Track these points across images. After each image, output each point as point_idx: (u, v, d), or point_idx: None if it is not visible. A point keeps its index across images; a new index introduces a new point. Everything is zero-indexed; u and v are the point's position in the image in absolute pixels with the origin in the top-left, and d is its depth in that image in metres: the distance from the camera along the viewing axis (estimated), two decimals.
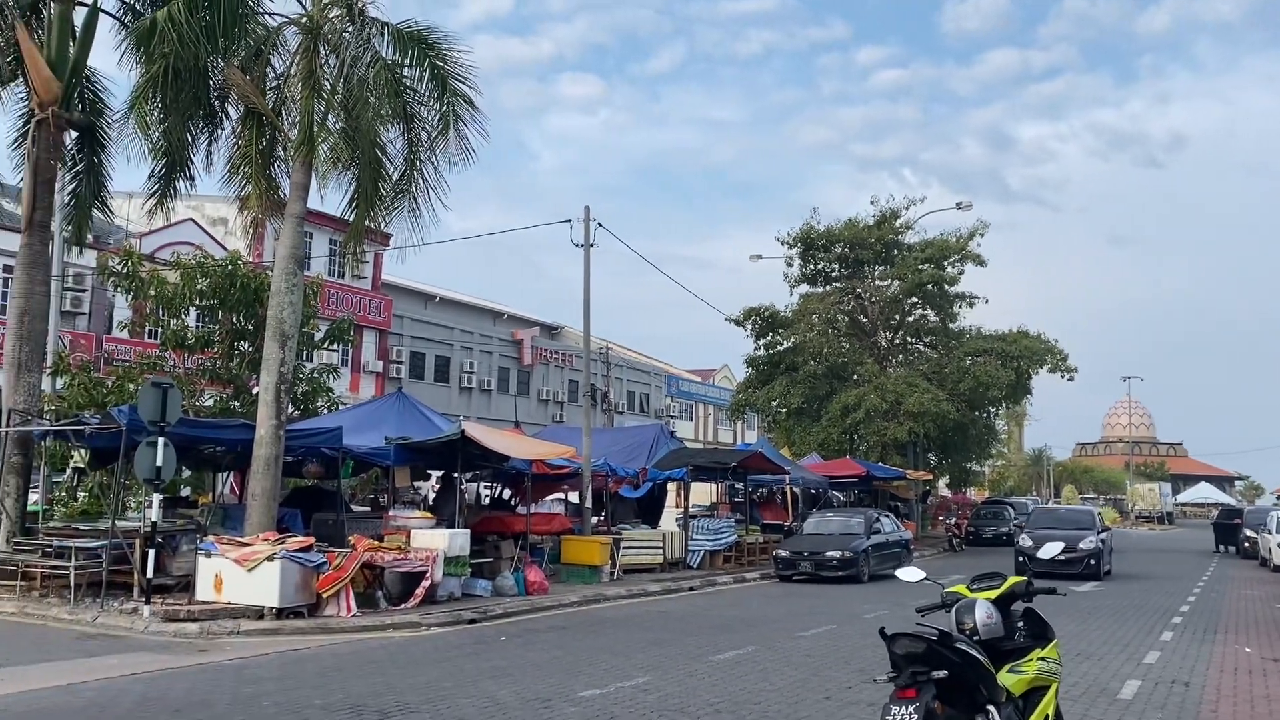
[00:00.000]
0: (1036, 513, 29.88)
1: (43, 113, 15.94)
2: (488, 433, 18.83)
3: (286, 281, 15.44)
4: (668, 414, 58.27)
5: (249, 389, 20.25)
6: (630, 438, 26.86)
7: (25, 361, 16.04)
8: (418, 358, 42.69)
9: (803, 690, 9.49)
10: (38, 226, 16.24)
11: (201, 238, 33.04)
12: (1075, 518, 26.04)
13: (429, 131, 16.43)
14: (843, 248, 40.87)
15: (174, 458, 13.77)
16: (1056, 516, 27.30)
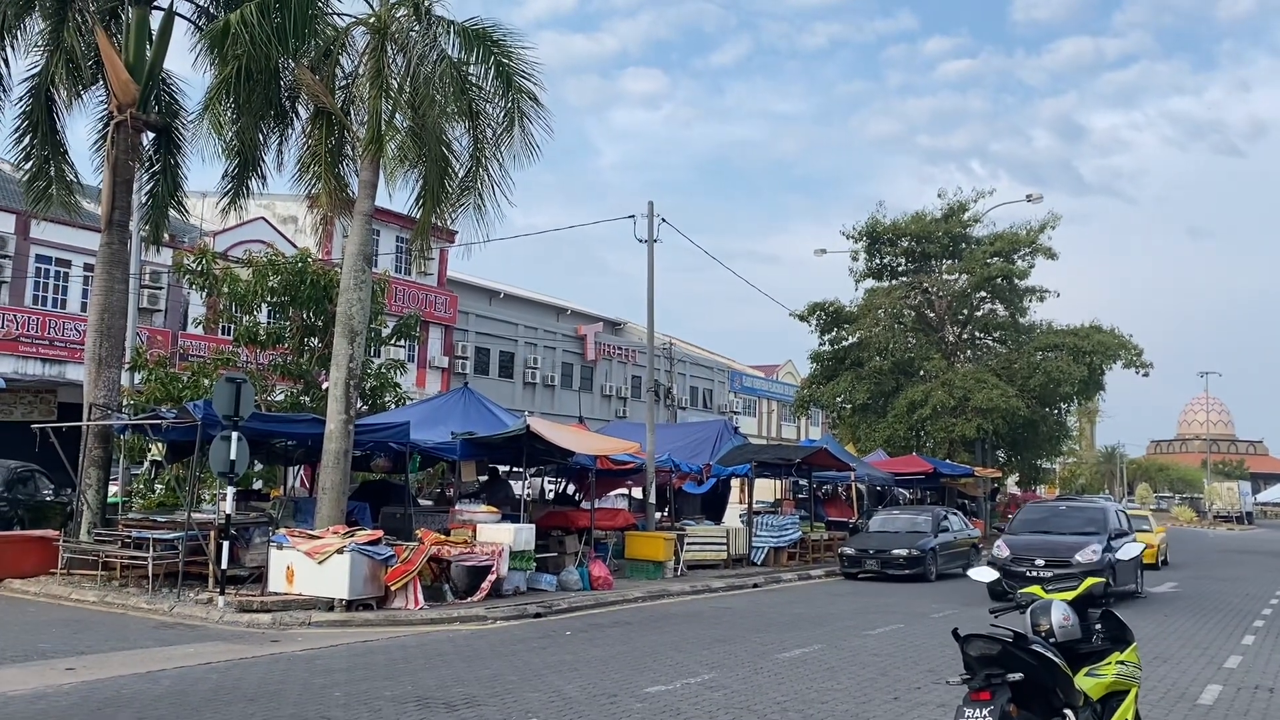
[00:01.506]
0: (1025, 509, 21.85)
1: (121, 115, 16.37)
2: (552, 428, 18.91)
3: (355, 278, 15.66)
4: (731, 410, 58.07)
5: (319, 384, 20.61)
6: (694, 433, 26.81)
7: (105, 357, 16.50)
8: (482, 353, 43.08)
9: (870, 690, 9.37)
10: (117, 226, 16.68)
11: (272, 235, 33.69)
12: (1077, 517, 18.99)
13: (494, 128, 16.53)
14: (909, 241, 40.31)
15: (247, 451, 14.05)
16: (1051, 515, 19.66)
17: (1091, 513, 19.20)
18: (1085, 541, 17.21)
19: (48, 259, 29.28)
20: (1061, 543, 17.48)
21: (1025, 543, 17.87)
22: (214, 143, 15.93)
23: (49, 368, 28.92)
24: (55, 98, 16.80)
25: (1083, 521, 18.48)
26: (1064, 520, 18.80)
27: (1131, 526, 19.88)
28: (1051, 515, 19.41)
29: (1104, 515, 18.73)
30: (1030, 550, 17.29)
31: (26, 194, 17.96)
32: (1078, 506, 20.67)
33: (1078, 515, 18.99)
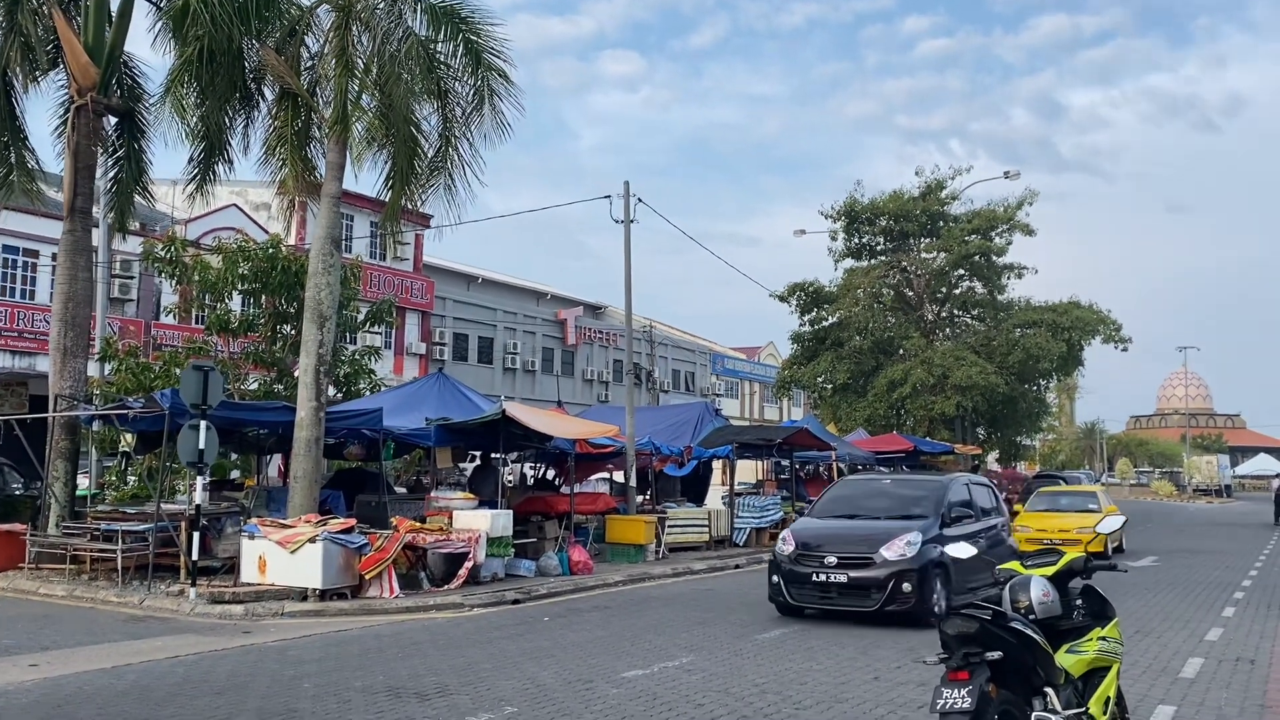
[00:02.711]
0: (838, 484, 15.97)
1: (81, 99, 15.99)
2: (529, 412, 18.71)
3: (323, 263, 15.38)
4: (713, 392, 58.01)
5: (291, 372, 20.32)
6: (675, 416, 26.70)
7: (70, 347, 16.16)
8: (461, 339, 42.76)
9: (850, 669, 9.26)
10: (79, 213, 16.32)
11: (245, 223, 33.24)
12: (901, 494, 13.76)
13: (463, 107, 16.26)
14: (888, 220, 40.27)
15: (216, 441, 13.78)
16: (866, 492, 14.33)
17: (924, 488, 13.71)
18: (899, 530, 12.09)
19: (14, 249, 28.75)
20: (867, 531, 12.43)
21: (818, 531, 12.73)
22: (178, 127, 15.65)
23: (18, 360, 28.45)
24: (12, 82, 16.39)
25: (905, 500, 13.27)
26: (881, 499, 13.59)
27: (1001, 507, 14.78)
28: (866, 493, 14.14)
29: (940, 492, 13.26)
30: (822, 541, 12.35)
31: None
32: (907, 480, 15.61)
33: (903, 491, 13.77)
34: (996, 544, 13.22)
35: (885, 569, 11.69)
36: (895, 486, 14.18)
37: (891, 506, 13.11)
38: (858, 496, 13.90)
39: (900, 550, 11.80)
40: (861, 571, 11.80)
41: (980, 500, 13.93)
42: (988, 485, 15.01)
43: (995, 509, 14.37)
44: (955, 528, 12.36)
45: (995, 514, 14.24)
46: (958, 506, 13.01)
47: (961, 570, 11.77)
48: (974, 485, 14.27)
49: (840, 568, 11.89)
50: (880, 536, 12.07)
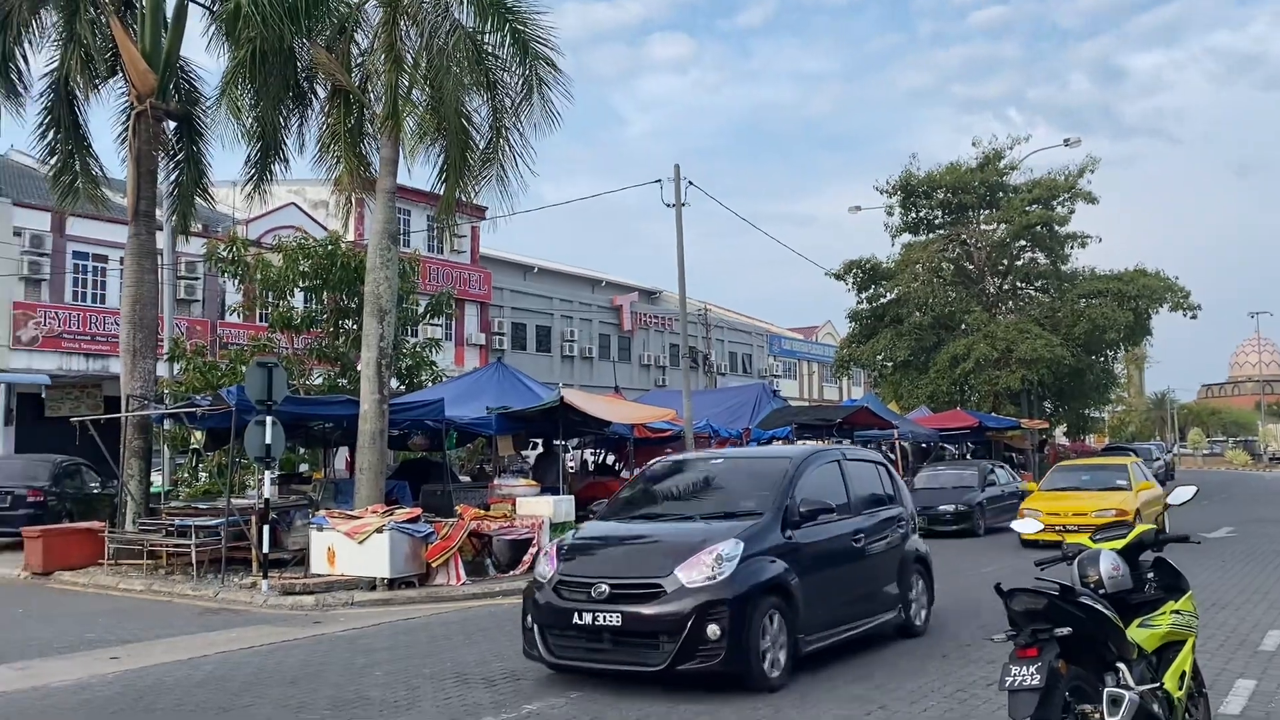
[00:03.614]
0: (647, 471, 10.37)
1: (141, 105, 16.35)
2: (587, 399, 18.80)
3: (381, 257, 15.56)
4: (770, 373, 57.72)
5: (354, 366, 20.63)
6: (732, 398, 26.68)
7: (139, 348, 16.58)
8: (519, 328, 43.07)
9: (918, 647, 9.17)
10: (143, 216, 16.71)
11: (304, 221, 33.79)
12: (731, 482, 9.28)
13: (512, 98, 16.30)
14: (945, 193, 39.63)
15: (282, 436, 14.03)
16: (678, 481, 9.71)
17: (766, 471, 9.06)
18: (712, 537, 7.85)
19: (84, 254, 29.57)
20: (664, 540, 8.23)
21: (595, 542, 8.64)
22: (234, 128, 15.90)
23: (92, 362, 29.28)
24: (75, 91, 16.81)
25: (735, 490, 8.93)
26: (704, 488, 9.31)
27: (901, 494, 10.30)
28: (685, 480, 9.59)
29: (786, 477, 8.68)
30: (594, 559, 8.26)
31: (53, 189, 18.06)
32: (749, 458, 10.68)
33: (735, 477, 9.33)
34: (889, 546, 9.42)
35: (679, 602, 7.32)
36: (727, 469, 9.56)
37: (715, 499, 8.83)
38: (672, 485, 9.48)
39: (705, 571, 7.40)
40: (642, 607, 7.39)
41: (861, 486, 9.53)
42: (879, 463, 10.50)
43: (890, 497, 9.96)
44: (809, 528, 8.28)
45: (890, 504, 9.86)
46: (813, 499, 8.44)
47: (823, 590, 8.14)
48: (853, 463, 9.76)
49: (613, 602, 7.52)
50: (679, 548, 7.70)
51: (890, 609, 9.33)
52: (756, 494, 8.59)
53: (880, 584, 9.25)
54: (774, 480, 8.68)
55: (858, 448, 13.15)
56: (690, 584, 7.43)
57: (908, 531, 10.00)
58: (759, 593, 7.58)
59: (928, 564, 10.21)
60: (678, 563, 7.55)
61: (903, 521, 9.95)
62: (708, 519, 8.33)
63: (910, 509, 10.41)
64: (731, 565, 7.52)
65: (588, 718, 7.01)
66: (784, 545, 8.04)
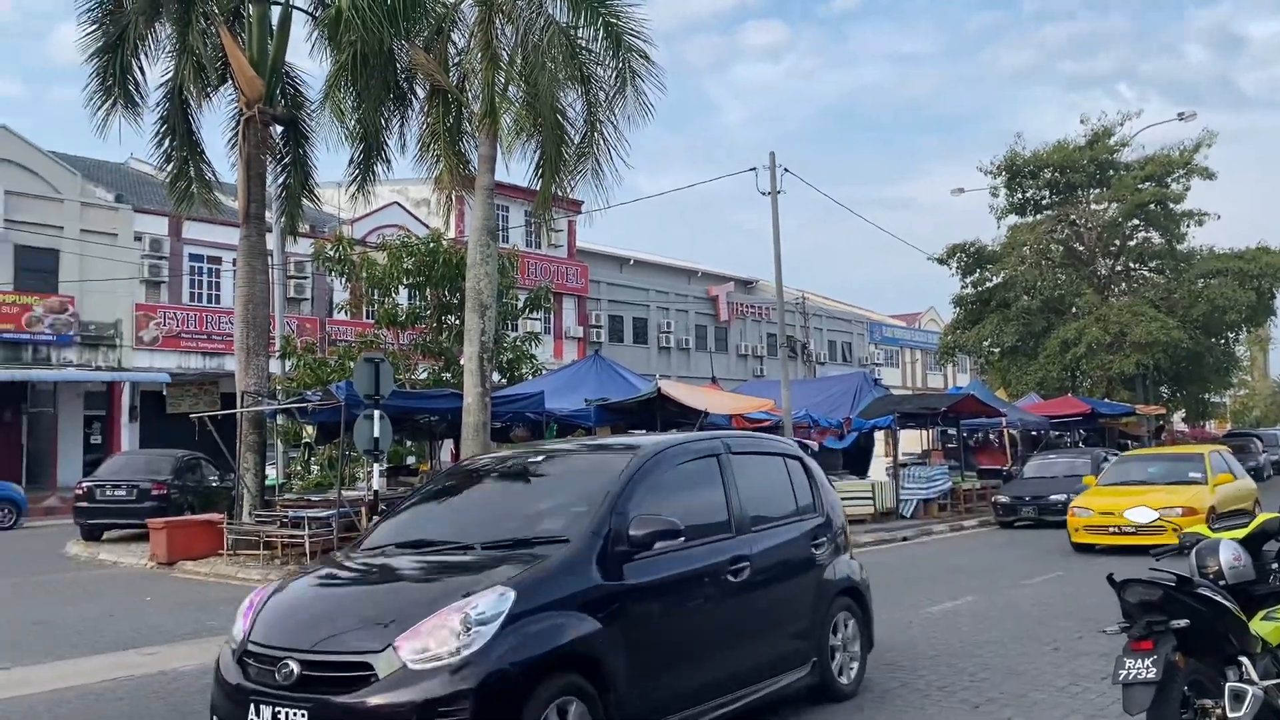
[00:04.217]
0: (443, 475, 8.66)
1: (249, 111, 16.92)
2: (684, 390, 18.83)
3: (480, 253, 15.81)
4: (871, 362, 56.90)
5: (458, 360, 21.09)
6: (832, 388, 26.37)
7: (253, 346, 17.19)
8: (615, 320, 43.36)
9: (1027, 641, 8.93)
10: (253, 218, 17.31)
11: (406, 219, 34.62)
12: (526, 493, 6.49)
13: (606, 91, 16.37)
14: (1052, 173, 38.48)
15: (390, 429, 14.44)
16: (475, 491, 6.66)
17: (595, 471, 6.15)
18: (462, 588, 4.92)
19: (199, 257, 30.87)
20: (397, 596, 5.27)
21: (314, 594, 5.58)
22: (338, 130, 16.36)
23: (209, 361, 30.54)
24: (188, 100, 17.50)
25: (542, 505, 6.16)
26: (501, 500, 6.52)
27: (821, 501, 7.34)
28: (482, 491, 6.68)
29: (616, 482, 5.68)
30: (297, 621, 5.25)
31: (170, 195, 18.85)
32: (577, 455, 6.99)
33: (548, 484, 6.51)
34: (799, 574, 6.70)
35: (393, 694, 4.61)
36: (547, 471, 6.62)
37: (513, 519, 5.95)
38: (463, 497, 6.62)
39: (442, 641, 4.68)
40: (340, 698, 4.70)
41: (754, 492, 6.57)
42: (790, 456, 7.40)
43: (807, 506, 7.12)
44: (649, 560, 5.46)
45: (806, 515, 7.04)
46: (657, 516, 5.52)
47: (674, 652, 5.57)
48: (743, 458, 6.71)
49: (303, 688, 4.80)
50: (413, 604, 4.96)
51: (798, 665, 6.53)
52: (569, 511, 5.65)
53: (782, 631, 6.47)
54: (596, 490, 5.61)
55: (760, 435, 9.51)
56: (415, 663, 4.60)
57: (833, 551, 7.12)
58: (540, 672, 4.78)
59: (862, 595, 7.32)
60: (402, 628, 4.67)
61: (822, 539, 7.01)
62: (490, 549, 5.35)
63: (840, 520, 7.45)
64: (487, 632, 4.65)
65: None
66: (601, 590, 5.14)
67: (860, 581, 7.42)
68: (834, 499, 7.61)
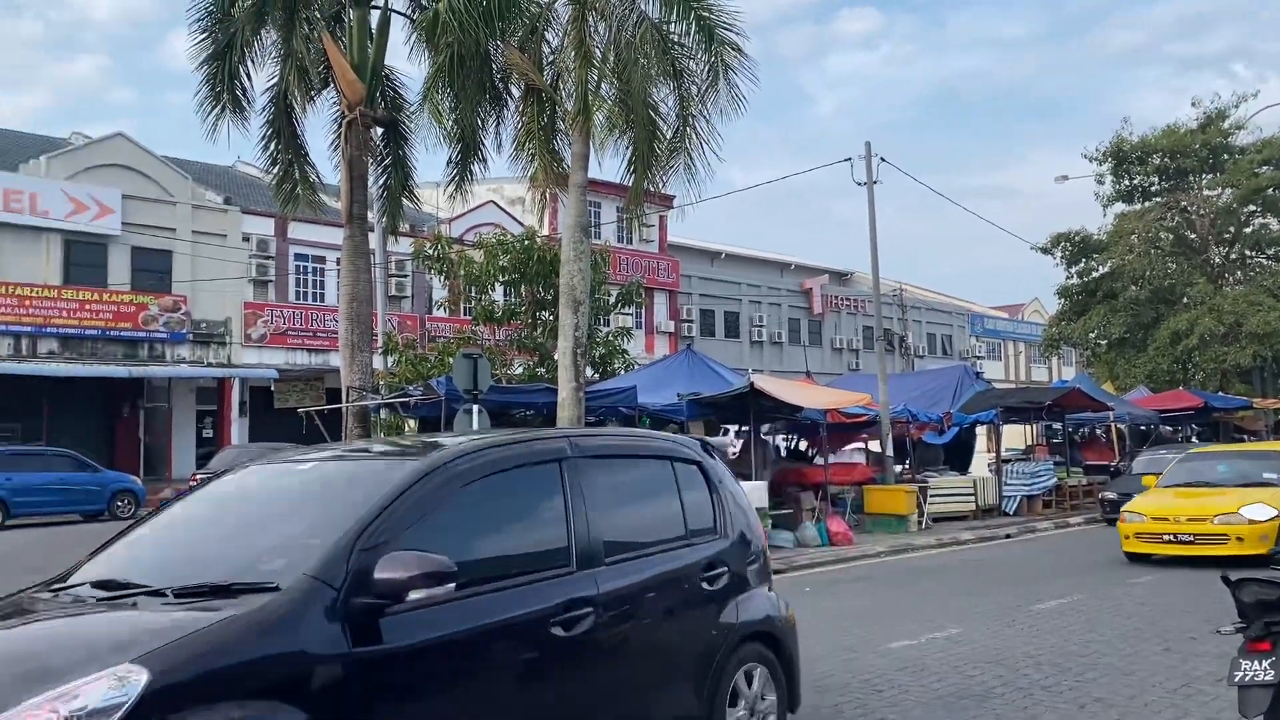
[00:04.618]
0: (208, 485, 5.19)
1: (351, 113, 17.37)
2: (777, 384, 18.72)
3: (574, 250, 15.97)
4: (972, 354, 55.69)
5: (552, 355, 21.35)
6: (931, 381, 25.90)
7: (357, 343, 17.67)
8: (707, 315, 43.31)
9: (1136, 641, 8.65)
10: (356, 219, 17.78)
11: (502, 218, 35.15)
12: (263, 517, 4.64)
13: (698, 85, 16.36)
14: (1161, 158, 37.11)
15: (488, 423, 14.70)
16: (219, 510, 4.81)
17: (352, 486, 4.42)
18: (70, 669, 3.24)
19: (305, 256, 31.86)
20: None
21: None
22: (436, 131, 16.69)
23: (315, 357, 31.50)
24: (292, 104, 18.04)
25: (273, 538, 4.28)
26: (236, 529, 4.56)
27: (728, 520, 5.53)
28: (223, 510, 4.79)
29: (379, 502, 3.98)
30: None
31: (276, 197, 19.48)
32: (353, 459, 5.11)
33: (301, 506, 4.58)
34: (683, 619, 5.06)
35: None
36: (311, 481, 4.79)
37: (229, 551, 4.30)
38: (202, 515, 4.83)
39: None
40: None
41: (617, 510, 4.98)
42: (678, 460, 5.52)
43: (704, 528, 5.41)
44: (410, 616, 3.78)
45: (699, 539, 5.34)
46: (412, 550, 3.80)
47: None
48: (605, 464, 5.06)
49: None
50: (12, 686, 3.19)
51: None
52: (301, 544, 3.97)
53: (647, 697, 4.79)
54: (343, 514, 4.01)
55: (637, 433, 7.91)
56: None
57: (736, 585, 5.32)
58: None
59: (780, 641, 5.49)
60: None
61: (721, 570, 5.22)
62: (183, 597, 3.75)
63: (756, 543, 5.68)
64: None
65: None
66: (323, 664, 3.57)
67: (779, 622, 5.58)
68: (748, 517, 5.71)
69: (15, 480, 21.15)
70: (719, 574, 5.21)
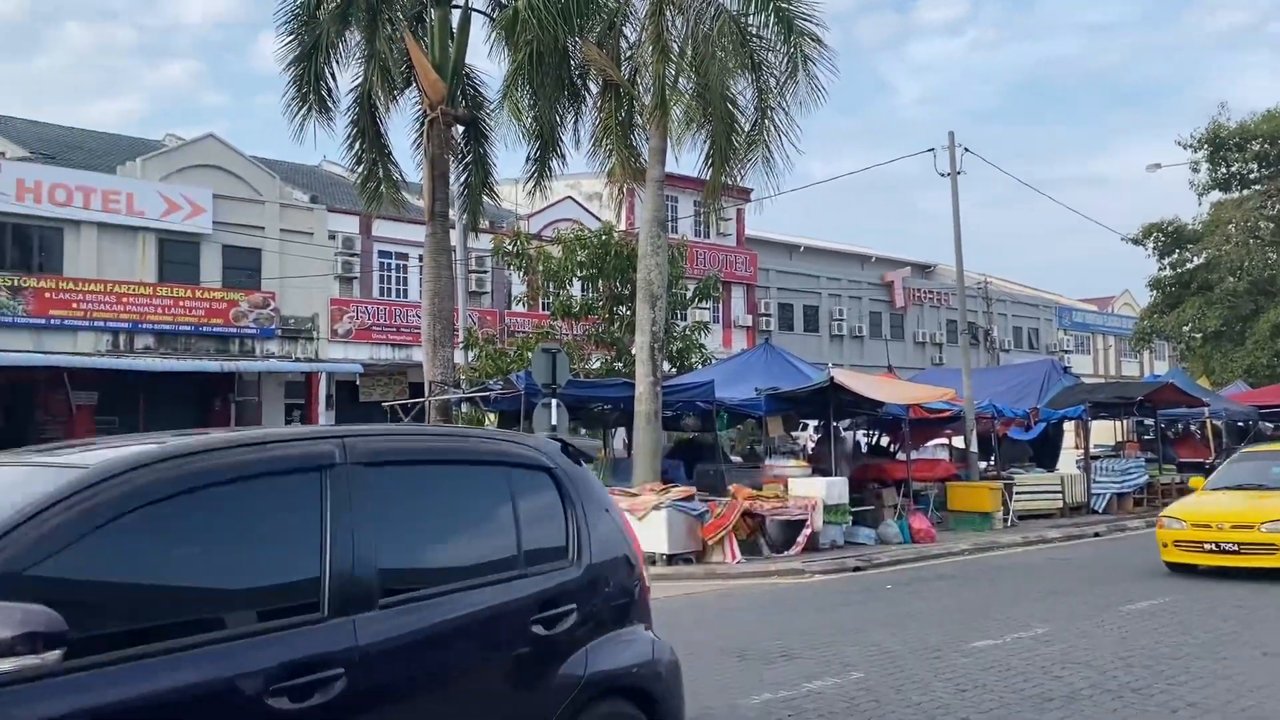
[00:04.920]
0: None
1: (433, 112, 17.64)
2: (858, 378, 18.49)
3: (651, 244, 16.00)
4: (1060, 348, 54.33)
5: (629, 350, 21.43)
6: (1018, 376, 25.35)
7: (439, 338, 17.96)
8: (785, 309, 42.96)
9: (1232, 645, 8.35)
10: (438, 217, 18.06)
11: (579, 213, 35.32)
12: None
13: (777, 77, 16.29)
14: (1262, 144, 35.71)
15: (566, 416, 14.84)
16: None
17: None
18: None
19: (388, 253, 32.44)
20: None
21: None
22: (515, 128, 16.89)
23: (398, 352, 32.07)
24: (376, 104, 18.39)
25: None
26: None
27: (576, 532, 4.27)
28: None
29: None
30: None
31: (360, 195, 19.90)
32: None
33: None
34: (484, 668, 3.78)
35: None
36: None
37: None
38: None
39: None
40: None
41: (405, 531, 3.73)
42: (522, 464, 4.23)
43: (547, 553, 4.13)
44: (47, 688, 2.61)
45: (529, 571, 3.99)
46: None
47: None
48: (386, 471, 3.71)
49: None
50: None
51: None
52: None
53: None
54: None
55: (457, 431, 5.83)
56: None
57: (591, 627, 4.17)
58: None
59: (649, 694, 4.34)
60: None
61: (567, 607, 4.05)
62: None
63: (623, 574, 4.49)
64: None
65: (870, 700, 6.93)
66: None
67: (654, 671, 4.42)
68: (620, 538, 4.48)
69: None
70: (562, 613, 3.97)
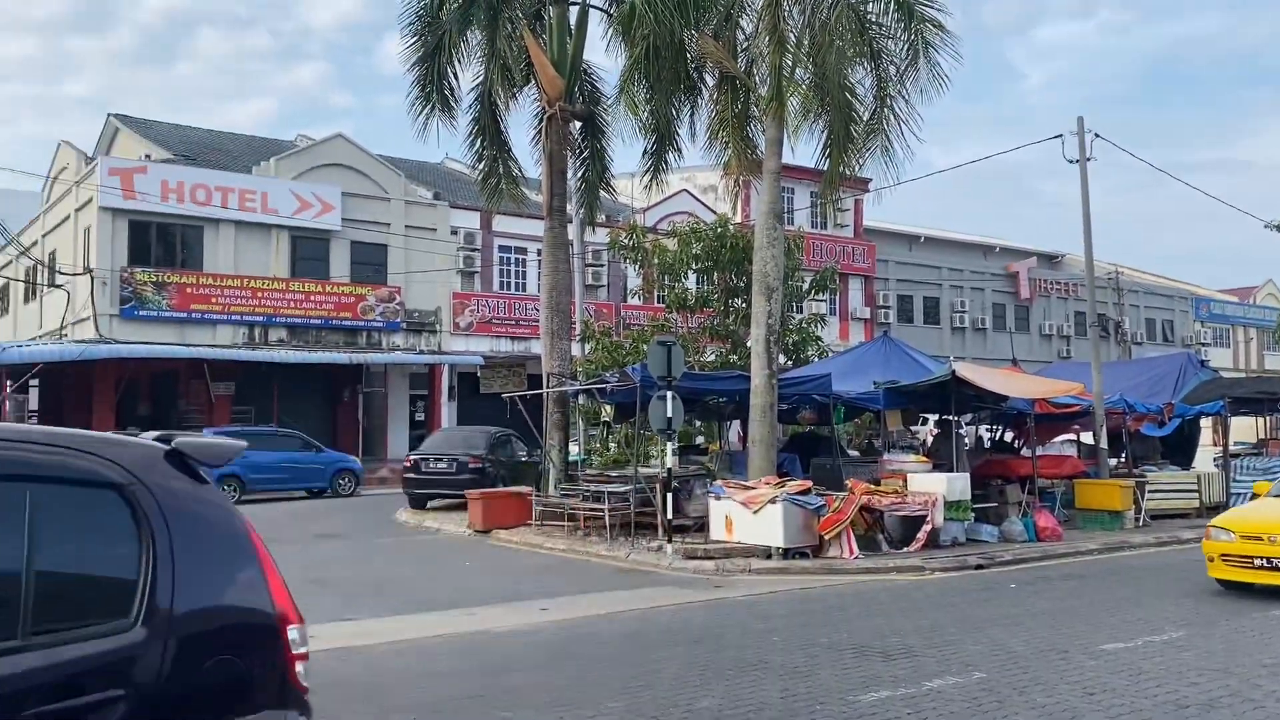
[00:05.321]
0: None
1: (551, 109, 17.93)
2: (981, 372, 18.00)
3: (767, 236, 15.92)
4: (1196, 341, 51.89)
5: (744, 342, 21.36)
6: (1151, 370, 24.31)
7: (556, 331, 18.26)
8: (905, 300, 42.16)
9: None
10: (556, 212, 18.35)
11: (694, 206, 35.35)
12: None
13: (897, 65, 15.99)
14: None
15: (681, 409, 14.88)
16: None
17: None
18: None
19: (508, 248, 33.11)
20: None
21: None
22: (631, 123, 17.04)
23: (517, 344, 32.72)
24: (496, 101, 18.78)
25: None
26: None
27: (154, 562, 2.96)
28: None
29: None
30: None
31: (481, 191, 20.35)
32: None
33: None
34: None
35: None
36: None
37: None
38: None
39: None
40: None
41: None
42: (64, 478, 2.90)
43: (110, 612, 2.85)
44: None
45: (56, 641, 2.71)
46: None
47: None
48: None
49: None
50: None
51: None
52: None
53: None
54: None
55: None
56: None
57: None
58: None
59: None
60: None
61: (110, 699, 2.75)
62: None
63: (262, 634, 3.16)
64: None
65: (992, 700, 6.80)
66: None
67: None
68: (238, 581, 3.17)
69: (250, 458, 22.96)
70: (93, 704, 2.74)
